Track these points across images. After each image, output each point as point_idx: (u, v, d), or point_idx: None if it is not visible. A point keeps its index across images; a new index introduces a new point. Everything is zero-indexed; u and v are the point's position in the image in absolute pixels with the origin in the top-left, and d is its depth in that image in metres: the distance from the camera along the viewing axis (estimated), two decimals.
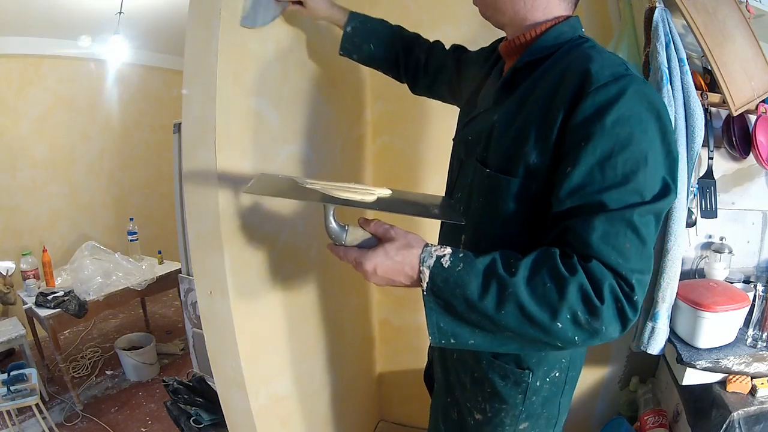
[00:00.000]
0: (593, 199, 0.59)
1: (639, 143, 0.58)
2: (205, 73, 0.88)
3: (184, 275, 2.13)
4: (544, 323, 0.57)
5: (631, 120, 0.59)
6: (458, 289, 0.60)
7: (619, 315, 0.57)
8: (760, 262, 1.39)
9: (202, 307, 1.02)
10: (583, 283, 0.56)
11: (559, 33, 0.71)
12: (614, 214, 0.58)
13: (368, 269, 0.64)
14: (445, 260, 0.61)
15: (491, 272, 0.60)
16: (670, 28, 1.11)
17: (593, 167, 0.59)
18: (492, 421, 0.81)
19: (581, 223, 0.59)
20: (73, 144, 3.20)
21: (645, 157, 0.59)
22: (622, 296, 0.57)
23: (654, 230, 0.60)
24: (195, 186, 0.94)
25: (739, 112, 1.18)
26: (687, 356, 1.11)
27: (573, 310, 0.56)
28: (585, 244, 0.58)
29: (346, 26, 1.06)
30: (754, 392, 1.10)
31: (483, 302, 0.59)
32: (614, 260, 0.57)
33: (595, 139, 0.59)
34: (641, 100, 0.60)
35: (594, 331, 0.57)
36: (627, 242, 0.58)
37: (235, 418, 1.10)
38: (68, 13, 2.65)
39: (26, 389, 1.80)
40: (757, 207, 1.36)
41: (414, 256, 0.63)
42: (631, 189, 0.58)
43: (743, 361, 1.11)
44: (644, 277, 0.59)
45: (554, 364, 0.77)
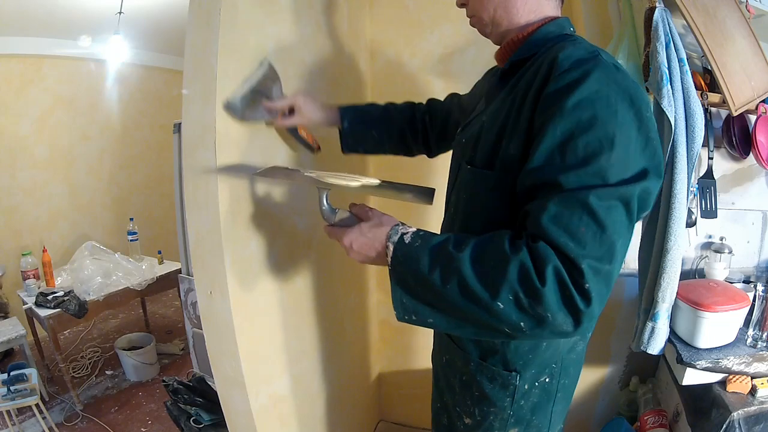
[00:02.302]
0: (550, 180, 0.57)
1: (604, 125, 0.56)
2: (205, 73, 0.88)
3: (184, 275, 2.13)
4: (485, 301, 0.56)
5: (596, 102, 0.57)
6: (413, 263, 0.62)
7: (565, 303, 0.53)
8: (760, 262, 1.39)
9: (202, 307, 1.02)
10: (524, 261, 0.54)
11: (545, 33, 0.72)
12: (569, 194, 0.55)
13: (346, 244, 0.71)
14: (407, 237, 0.65)
15: (442, 248, 0.61)
16: (670, 28, 1.11)
17: (553, 149, 0.58)
18: (481, 426, 0.81)
19: (537, 204, 0.58)
20: (73, 144, 3.20)
21: (611, 139, 0.56)
22: (569, 281, 0.53)
23: (622, 218, 0.56)
24: (195, 186, 0.94)
25: (739, 112, 1.18)
26: (687, 356, 1.11)
27: (513, 289, 0.54)
28: (536, 225, 0.56)
29: (343, 123, 1.04)
30: (754, 392, 1.10)
31: (431, 276, 0.59)
32: (563, 242, 0.54)
33: (556, 120, 0.58)
34: (608, 82, 0.58)
35: (539, 318, 0.54)
36: (582, 226, 0.54)
37: (235, 418, 1.10)
38: (68, 13, 2.65)
39: (26, 389, 1.80)
40: (757, 207, 1.36)
41: (383, 233, 0.67)
42: (591, 171, 0.55)
43: (743, 361, 1.11)
44: (602, 265, 0.54)
45: (543, 367, 0.76)
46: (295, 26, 1.14)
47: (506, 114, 0.69)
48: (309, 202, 1.23)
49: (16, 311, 2.55)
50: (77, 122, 3.20)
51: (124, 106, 3.49)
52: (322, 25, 1.27)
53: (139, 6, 2.70)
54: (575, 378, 0.83)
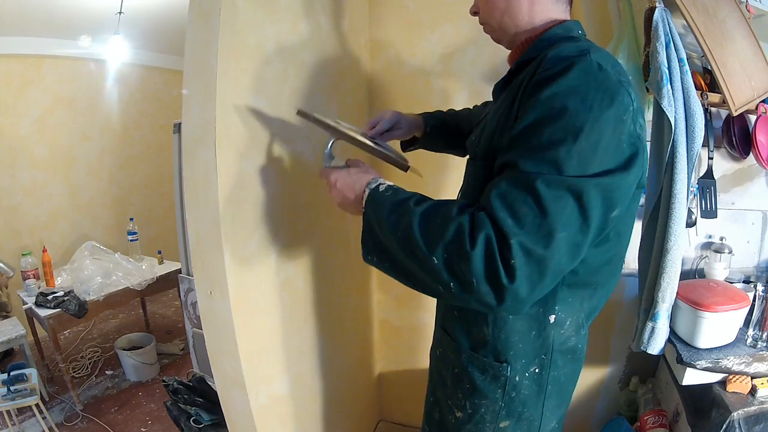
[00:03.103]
0: (512, 161, 0.60)
1: (572, 118, 0.56)
2: (205, 73, 0.88)
3: (184, 275, 2.13)
4: (423, 254, 0.60)
5: (570, 96, 0.57)
6: (379, 206, 0.69)
7: (490, 274, 0.55)
8: (760, 262, 1.39)
9: (202, 307, 1.02)
10: (462, 223, 0.58)
11: (552, 35, 0.73)
12: (521, 175, 0.57)
13: (331, 180, 0.80)
14: (382, 186, 0.72)
15: (404, 201, 0.67)
16: (670, 28, 1.11)
17: (520, 133, 0.60)
18: (472, 419, 0.81)
19: (494, 181, 0.61)
20: (73, 144, 3.20)
21: (576, 132, 0.56)
22: (497, 253, 0.55)
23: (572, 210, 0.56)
24: (195, 186, 0.94)
25: (739, 112, 1.18)
26: (687, 356, 1.11)
27: (447, 248, 0.57)
28: (485, 197, 0.60)
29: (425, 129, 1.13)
30: (754, 392, 1.10)
31: (388, 221, 0.65)
32: (501, 216, 0.56)
33: (529, 111, 0.60)
34: (587, 78, 0.58)
35: (465, 282, 0.56)
36: (524, 207, 0.56)
37: (235, 418, 1.10)
38: (68, 13, 2.65)
39: (26, 389, 1.80)
40: (757, 207, 1.36)
41: (364, 180, 0.75)
42: (547, 158, 0.57)
43: (743, 361, 1.11)
44: (535, 248, 0.55)
45: (533, 358, 0.77)
46: (295, 26, 1.14)
47: (502, 112, 0.72)
48: (310, 203, 1.23)
49: (16, 311, 2.55)
50: (77, 122, 3.20)
51: (124, 106, 3.49)
52: (322, 25, 1.27)
53: (139, 6, 2.70)
54: (571, 375, 0.83)
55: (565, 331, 0.76)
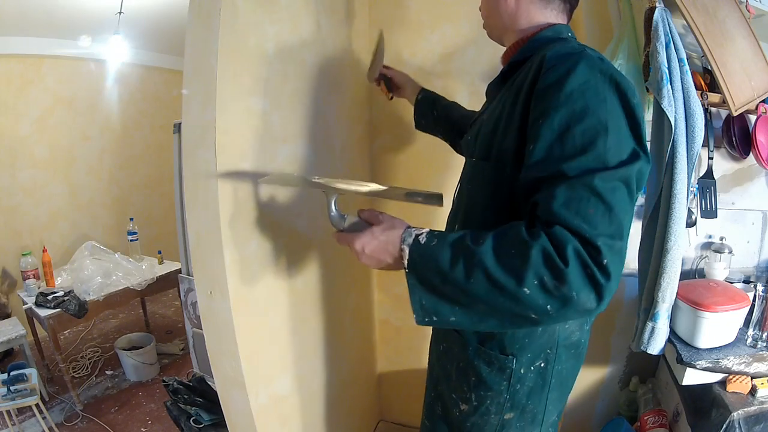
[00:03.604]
0: (554, 170, 0.60)
1: (596, 113, 0.60)
2: (205, 73, 0.88)
3: (184, 275, 2.13)
4: (511, 289, 0.57)
5: (586, 92, 0.61)
6: (432, 262, 0.63)
7: (589, 280, 0.56)
8: (760, 262, 1.39)
9: (202, 307, 1.02)
10: (545, 246, 0.56)
11: (542, 36, 0.77)
12: (574, 181, 0.58)
13: (357, 248, 0.71)
14: (422, 237, 0.66)
15: (460, 244, 0.62)
16: (670, 28, 1.11)
17: (553, 141, 0.61)
18: (477, 411, 0.82)
19: (544, 194, 0.61)
20: (73, 144, 3.20)
21: (605, 125, 0.60)
22: (589, 259, 0.56)
23: (625, 197, 0.59)
24: (195, 186, 0.94)
25: (739, 112, 1.18)
26: (687, 356, 1.11)
27: (538, 274, 0.56)
28: (548, 213, 0.59)
29: (417, 95, 1.28)
30: (754, 392, 1.10)
31: (453, 272, 0.61)
32: (577, 225, 0.57)
33: (551, 114, 0.62)
34: (594, 72, 0.62)
35: (565, 298, 0.56)
36: (590, 208, 0.57)
37: (235, 418, 1.10)
38: (68, 13, 2.65)
39: (26, 389, 1.80)
40: (757, 207, 1.36)
41: (396, 236, 0.68)
42: (591, 157, 0.59)
43: (743, 361, 1.11)
44: (615, 242, 0.57)
45: (538, 352, 0.78)
46: (295, 26, 1.14)
47: (501, 110, 0.74)
48: (309, 203, 1.23)
49: (16, 311, 2.55)
50: (77, 122, 3.20)
51: (124, 106, 3.49)
52: (322, 25, 1.27)
53: (139, 6, 2.70)
54: (572, 370, 0.85)
55: (569, 326, 0.79)
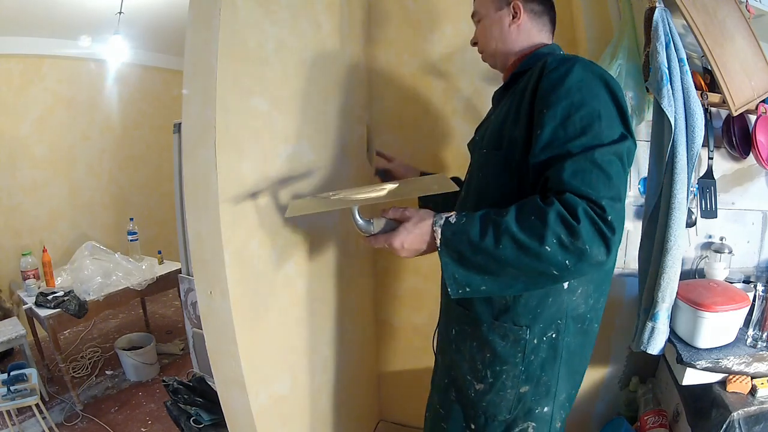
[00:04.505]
0: (561, 150, 0.73)
1: (591, 104, 0.74)
2: (205, 73, 0.88)
3: (184, 275, 2.13)
4: (535, 249, 0.68)
5: (582, 88, 0.75)
6: (463, 235, 0.73)
7: (598, 234, 0.67)
8: (760, 262, 1.39)
9: (202, 307, 1.02)
10: (559, 210, 0.67)
11: (539, 53, 0.93)
12: (579, 156, 0.71)
13: (397, 246, 0.79)
14: (452, 218, 0.76)
15: (487, 217, 0.73)
16: (670, 28, 1.11)
17: (557, 127, 0.74)
18: (494, 387, 0.88)
19: (554, 170, 0.73)
20: (73, 144, 3.20)
21: (598, 113, 0.73)
22: (596, 217, 0.67)
23: (620, 168, 0.72)
24: (195, 186, 0.94)
25: (739, 112, 1.18)
26: (687, 356, 1.11)
27: (556, 233, 0.67)
28: (559, 183, 0.71)
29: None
30: (754, 392, 1.10)
31: (484, 241, 0.71)
32: (584, 190, 0.69)
33: (554, 105, 0.75)
34: (587, 72, 0.77)
35: (580, 252, 0.67)
36: (593, 176, 0.69)
37: (235, 418, 1.10)
38: (68, 13, 2.65)
39: (26, 389, 1.80)
40: (757, 207, 1.36)
41: (428, 224, 0.77)
42: (589, 137, 0.72)
43: (743, 361, 1.11)
44: (615, 203, 0.69)
45: (549, 323, 0.85)
46: (295, 26, 1.14)
47: (508, 109, 0.88)
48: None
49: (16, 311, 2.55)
50: (77, 122, 3.20)
51: (124, 106, 3.49)
52: (322, 25, 1.27)
53: (139, 6, 2.70)
54: (580, 347, 0.91)
55: (576, 298, 0.86)
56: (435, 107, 1.62)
